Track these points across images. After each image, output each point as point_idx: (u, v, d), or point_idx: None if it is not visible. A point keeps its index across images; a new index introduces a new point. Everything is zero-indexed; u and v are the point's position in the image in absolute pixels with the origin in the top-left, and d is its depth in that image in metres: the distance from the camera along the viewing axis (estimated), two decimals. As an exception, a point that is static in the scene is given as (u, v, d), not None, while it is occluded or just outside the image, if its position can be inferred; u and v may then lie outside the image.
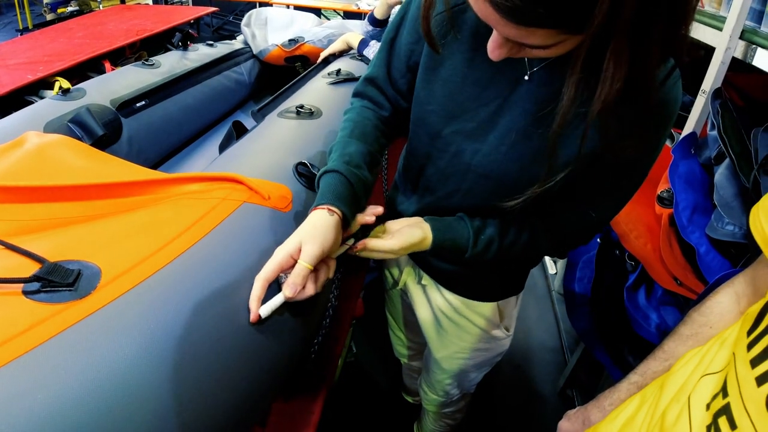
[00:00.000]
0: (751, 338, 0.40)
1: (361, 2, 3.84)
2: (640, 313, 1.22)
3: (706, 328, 0.64)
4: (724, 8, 1.38)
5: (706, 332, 0.64)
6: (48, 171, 0.78)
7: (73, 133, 1.30)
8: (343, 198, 0.72)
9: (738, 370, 0.40)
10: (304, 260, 0.65)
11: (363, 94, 0.91)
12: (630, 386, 0.72)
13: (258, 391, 0.67)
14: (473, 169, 0.77)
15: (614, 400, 0.72)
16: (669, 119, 0.67)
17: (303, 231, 0.68)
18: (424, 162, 0.85)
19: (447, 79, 0.76)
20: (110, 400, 0.48)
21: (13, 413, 0.43)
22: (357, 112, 0.87)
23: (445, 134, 0.78)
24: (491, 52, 0.59)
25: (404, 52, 0.83)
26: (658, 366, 0.70)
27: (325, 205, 0.70)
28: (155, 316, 0.55)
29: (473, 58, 0.73)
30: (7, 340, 0.47)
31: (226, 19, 5.25)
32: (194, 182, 0.76)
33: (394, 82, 0.87)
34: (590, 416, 0.75)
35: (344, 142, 0.81)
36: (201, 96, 1.88)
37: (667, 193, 1.35)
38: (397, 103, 0.89)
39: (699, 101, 1.45)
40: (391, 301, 1.31)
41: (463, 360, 1.11)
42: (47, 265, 0.56)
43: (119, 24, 2.35)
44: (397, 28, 0.83)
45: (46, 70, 1.67)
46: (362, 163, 0.79)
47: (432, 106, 0.78)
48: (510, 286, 1.02)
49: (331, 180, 0.74)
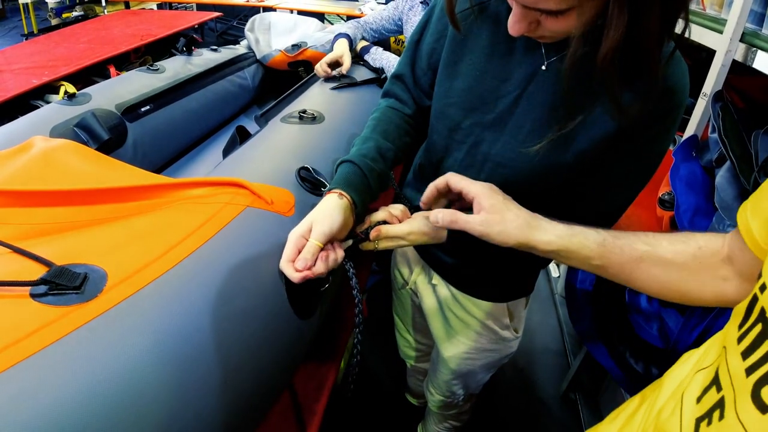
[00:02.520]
0: (741, 331, 0.41)
1: (364, 6, 3.85)
2: (642, 316, 1.22)
3: (694, 243, 0.63)
4: (726, 11, 1.39)
5: (693, 246, 0.63)
6: (54, 175, 0.79)
7: (78, 138, 1.32)
8: (353, 185, 0.77)
9: (729, 362, 0.41)
10: (314, 238, 0.70)
11: (390, 92, 0.96)
12: (591, 233, 0.67)
13: (262, 393, 0.68)
14: (491, 159, 0.80)
15: (562, 236, 0.68)
16: (677, 108, 0.69)
17: (314, 213, 0.72)
18: (442, 155, 0.88)
19: (467, 73, 0.79)
20: (116, 401, 0.49)
21: (21, 414, 0.44)
22: (382, 112, 0.92)
23: (464, 126, 0.81)
24: (511, 27, 0.63)
25: (426, 51, 0.88)
26: (633, 240, 0.66)
27: (335, 190, 0.75)
28: (161, 319, 0.56)
29: (492, 53, 0.77)
30: (15, 342, 0.48)
31: (229, 24, 5.28)
32: (198, 187, 0.77)
33: (417, 79, 0.92)
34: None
35: (365, 137, 0.86)
36: (205, 101, 1.89)
37: (668, 195, 1.35)
38: (420, 101, 0.94)
39: (700, 104, 1.45)
40: (399, 302, 1.31)
41: (470, 360, 1.12)
42: (54, 268, 0.56)
43: (124, 29, 2.37)
44: (422, 30, 0.89)
45: (52, 75, 1.68)
46: (378, 156, 0.83)
47: (452, 99, 0.82)
48: (520, 287, 1.03)
49: (345, 169, 0.79)
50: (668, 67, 0.66)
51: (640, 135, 0.71)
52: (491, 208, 0.68)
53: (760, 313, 0.39)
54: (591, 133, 0.71)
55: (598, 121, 0.70)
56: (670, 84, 0.67)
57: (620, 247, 0.65)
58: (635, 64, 0.61)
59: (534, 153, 0.75)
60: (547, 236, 0.67)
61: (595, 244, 0.66)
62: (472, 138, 0.81)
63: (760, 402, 0.35)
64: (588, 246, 0.66)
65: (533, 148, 0.74)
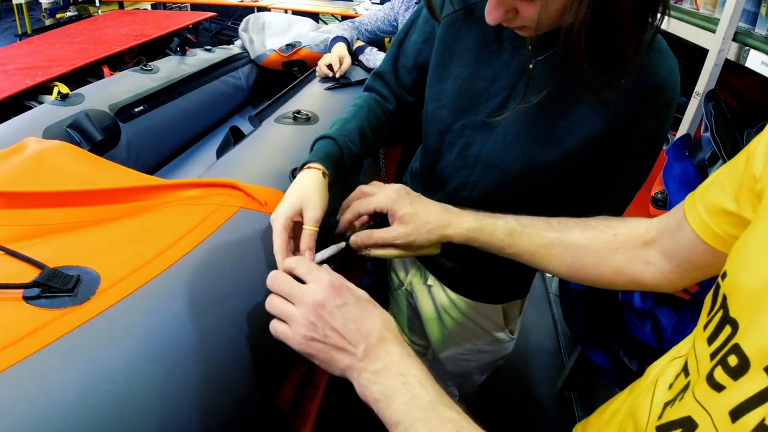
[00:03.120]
0: (708, 318, 0.42)
1: (358, 7, 3.85)
2: (635, 315, 1.23)
3: (610, 230, 0.66)
4: (718, 10, 1.39)
5: (608, 233, 0.66)
6: (47, 177, 0.79)
7: (71, 139, 1.31)
8: (334, 165, 0.76)
9: (696, 348, 0.43)
10: (310, 224, 0.68)
11: (371, 88, 0.97)
12: (500, 224, 0.70)
13: (255, 393, 0.68)
14: (481, 160, 0.80)
15: (471, 229, 0.70)
16: (667, 105, 0.69)
17: (300, 193, 0.70)
18: (435, 157, 0.89)
19: (457, 75, 0.80)
20: (109, 404, 0.49)
21: (14, 417, 0.44)
22: (364, 100, 0.93)
23: (455, 128, 0.82)
24: (487, 14, 0.64)
25: (412, 51, 0.90)
26: (543, 227, 0.69)
27: (317, 166, 0.74)
28: (154, 321, 0.56)
29: (481, 55, 0.78)
30: (7, 345, 0.48)
31: (224, 24, 5.26)
32: (192, 188, 0.77)
33: (400, 77, 0.94)
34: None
35: (346, 119, 0.86)
36: (199, 101, 1.89)
37: (661, 194, 1.36)
38: (402, 97, 0.95)
39: (693, 103, 1.46)
40: (395, 303, 1.31)
41: (465, 361, 1.12)
42: (47, 270, 0.56)
43: (118, 29, 2.36)
44: (407, 30, 0.91)
45: (45, 76, 1.67)
46: (358, 140, 0.83)
47: (443, 102, 0.82)
48: (516, 289, 1.03)
49: (327, 146, 0.78)
50: (654, 63, 0.66)
51: (631, 134, 0.71)
52: (402, 219, 0.71)
53: (722, 300, 0.40)
54: (580, 132, 0.71)
55: (586, 119, 0.70)
56: (658, 80, 0.67)
57: (528, 236, 0.69)
58: (609, 49, 0.60)
59: (524, 153, 0.75)
60: (457, 230, 0.70)
61: (503, 233, 0.69)
62: (463, 140, 0.82)
63: (713, 382, 0.38)
64: (497, 236, 0.70)
65: (523, 149, 0.75)
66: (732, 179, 0.47)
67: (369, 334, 0.54)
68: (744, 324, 0.37)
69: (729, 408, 0.36)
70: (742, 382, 0.35)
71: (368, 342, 0.53)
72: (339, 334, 0.54)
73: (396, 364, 0.52)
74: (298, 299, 0.56)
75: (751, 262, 0.38)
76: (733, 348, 0.37)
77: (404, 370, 0.52)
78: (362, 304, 0.57)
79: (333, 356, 0.54)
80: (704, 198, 0.52)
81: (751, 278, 0.37)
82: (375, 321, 0.55)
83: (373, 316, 0.56)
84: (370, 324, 0.55)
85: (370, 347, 0.53)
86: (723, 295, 0.40)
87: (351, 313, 0.55)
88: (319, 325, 0.54)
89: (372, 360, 0.53)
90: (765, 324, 0.35)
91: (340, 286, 0.57)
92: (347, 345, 0.54)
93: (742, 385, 0.35)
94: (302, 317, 0.55)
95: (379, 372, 0.52)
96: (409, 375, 0.51)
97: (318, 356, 0.55)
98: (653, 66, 0.66)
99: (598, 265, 0.66)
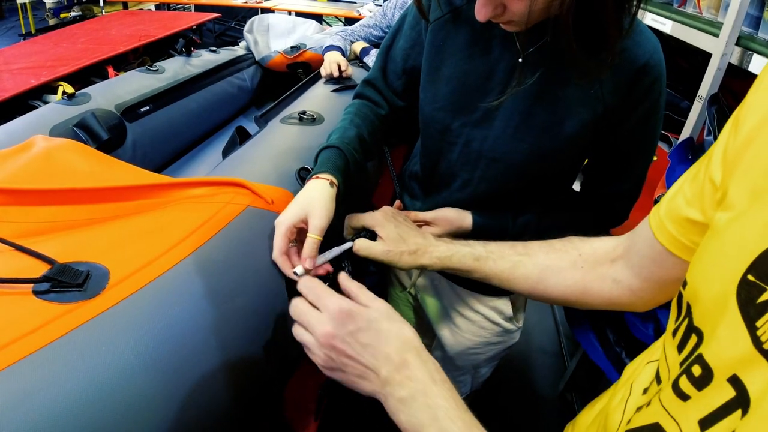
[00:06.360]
0: (675, 325, 0.42)
1: (362, 8, 3.86)
2: (638, 317, 1.23)
3: (575, 251, 0.66)
4: (722, 14, 1.40)
5: (572, 254, 0.66)
6: (56, 174, 0.79)
7: (78, 138, 1.32)
8: (343, 174, 0.79)
9: (667, 355, 0.42)
10: (314, 233, 0.69)
11: (361, 95, 0.99)
12: (467, 251, 0.73)
13: (261, 390, 0.68)
14: (484, 155, 0.82)
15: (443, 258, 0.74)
16: (656, 81, 0.73)
17: (307, 202, 0.72)
18: (437, 158, 0.90)
19: (450, 76, 0.81)
20: (118, 398, 0.49)
21: (24, 411, 0.44)
22: (356, 107, 0.94)
23: (454, 128, 0.83)
24: (477, 12, 0.66)
25: (400, 56, 0.92)
26: (508, 252, 0.71)
27: (326, 176, 0.75)
28: (163, 316, 0.57)
29: (472, 53, 0.79)
30: (18, 338, 0.49)
31: (228, 25, 5.27)
32: (199, 186, 0.78)
33: (390, 83, 0.96)
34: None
35: (344, 127, 0.87)
36: (204, 101, 1.90)
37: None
38: (394, 102, 0.97)
39: (696, 107, 1.46)
40: (397, 306, 1.31)
41: (476, 355, 1.12)
42: (57, 266, 0.57)
43: (122, 29, 2.37)
44: (394, 37, 0.93)
45: (50, 75, 1.68)
46: (359, 147, 0.85)
47: (439, 104, 0.83)
48: None
49: (333, 156, 0.80)
50: (638, 44, 0.70)
51: (631, 116, 0.75)
52: (387, 238, 0.76)
53: (687, 308, 0.40)
54: (578, 117, 0.74)
55: (582, 105, 0.74)
56: (644, 61, 0.70)
57: (494, 260, 0.72)
58: (595, 33, 0.63)
59: (525, 143, 0.78)
60: (431, 260, 0.75)
61: (471, 259, 0.73)
62: (463, 137, 0.83)
63: (678, 391, 0.38)
64: (465, 263, 0.73)
65: (524, 139, 0.77)
66: (694, 188, 0.46)
67: (388, 358, 0.52)
68: (707, 333, 0.36)
69: (698, 418, 0.35)
70: (706, 393, 0.35)
71: (389, 367, 0.52)
72: (356, 362, 0.53)
73: (422, 393, 0.50)
74: (312, 330, 0.56)
75: (708, 272, 0.38)
76: (697, 358, 0.36)
77: (431, 401, 0.50)
78: (376, 325, 0.55)
79: (356, 383, 0.54)
80: (669, 208, 0.50)
81: (708, 288, 0.37)
82: (392, 342, 0.54)
83: (389, 336, 0.54)
84: (388, 346, 0.53)
85: (392, 372, 0.52)
86: (687, 303, 0.40)
87: (365, 338, 0.53)
88: (334, 356, 0.54)
89: (396, 387, 0.51)
90: (724, 334, 0.34)
91: (350, 311, 0.55)
92: (366, 372, 0.53)
93: (706, 396, 0.35)
94: (318, 350, 0.55)
95: (405, 401, 0.50)
96: (438, 408, 0.49)
97: (344, 383, 0.55)
98: (638, 46, 0.70)
99: (562, 285, 0.67)
